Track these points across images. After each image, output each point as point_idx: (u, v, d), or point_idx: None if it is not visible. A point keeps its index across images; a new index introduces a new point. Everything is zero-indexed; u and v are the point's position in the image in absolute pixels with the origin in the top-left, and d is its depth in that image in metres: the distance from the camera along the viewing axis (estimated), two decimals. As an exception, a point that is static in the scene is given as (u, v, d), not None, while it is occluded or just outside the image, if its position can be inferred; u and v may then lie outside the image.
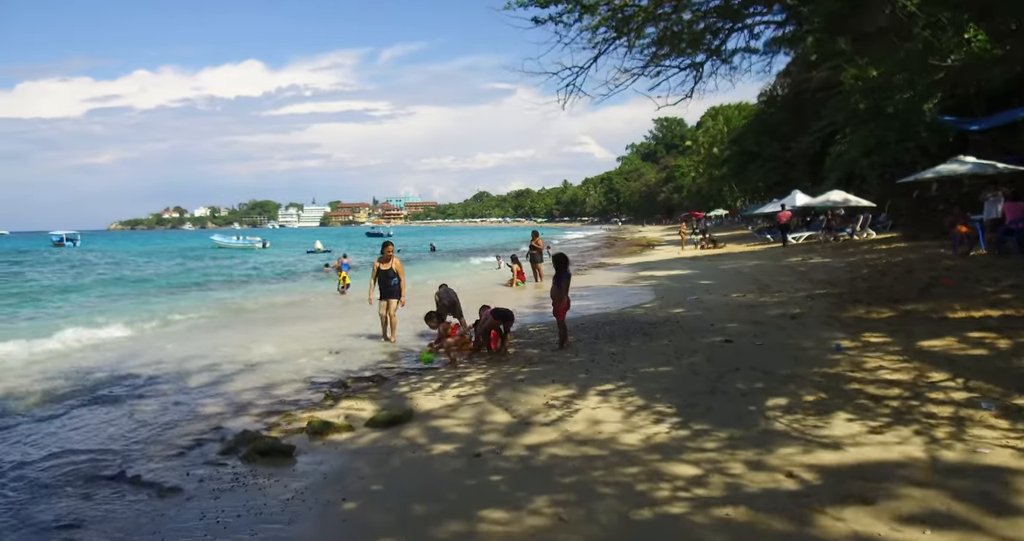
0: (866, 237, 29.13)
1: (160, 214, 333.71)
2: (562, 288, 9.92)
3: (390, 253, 12.39)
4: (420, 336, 12.49)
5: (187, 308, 18.82)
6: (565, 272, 10.04)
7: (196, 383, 9.56)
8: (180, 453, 6.47)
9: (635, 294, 16.65)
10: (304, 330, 14.19)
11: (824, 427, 5.61)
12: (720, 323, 10.81)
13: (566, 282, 9.99)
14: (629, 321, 11.99)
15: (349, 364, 10.34)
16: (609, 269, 26.45)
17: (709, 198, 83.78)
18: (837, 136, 34.37)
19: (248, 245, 72.33)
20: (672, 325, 11.12)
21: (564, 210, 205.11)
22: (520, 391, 7.62)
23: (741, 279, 17.59)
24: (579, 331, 11.35)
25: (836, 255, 22.76)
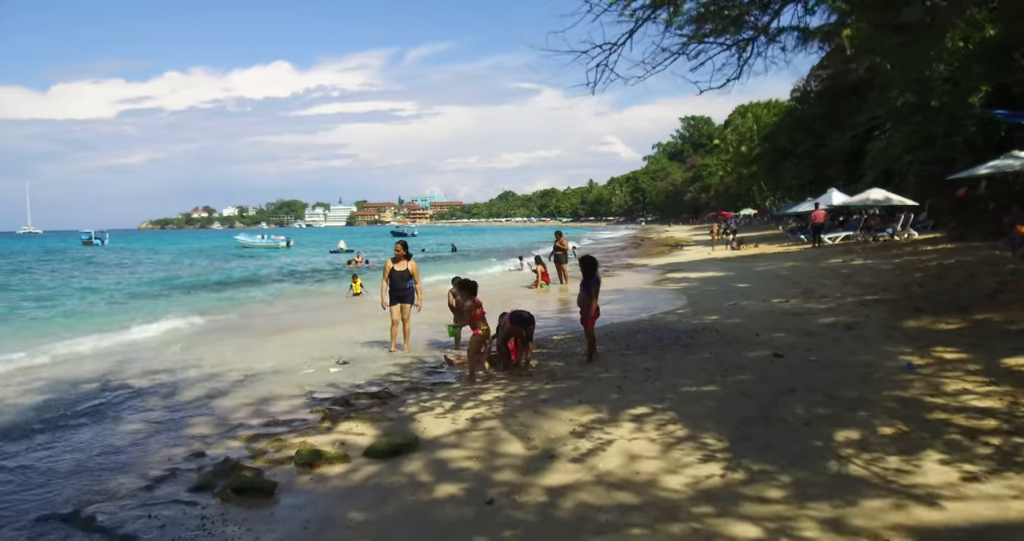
0: (908, 238, 27.73)
1: (189, 214, 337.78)
2: (591, 294, 8.94)
3: (403, 252, 11.46)
4: (432, 345, 11.58)
5: (198, 310, 18.11)
6: (594, 276, 9.06)
7: (188, 397, 8.73)
8: (149, 486, 5.61)
9: (666, 298, 15.60)
10: (314, 336, 13.36)
11: (913, 472, 4.57)
12: (765, 333, 9.75)
13: (595, 288, 9.01)
14: (663, 329, 10.97)
15: (356, 376, 9.44)
16: (637, 270, 25.36)
17: (737, 198, 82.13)
18: (875, 132, 32.94)
19: (272, 244, 72.05)
20: (711, 334, 10.08)
21: (589, 210, 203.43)
22: (542, 414, 6.66)
23: (780, 282, 16.44)
24: (608, 340, 10.36)
25: (878, 257, 21.47)
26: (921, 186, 30.56)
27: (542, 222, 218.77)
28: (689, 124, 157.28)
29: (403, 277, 11.29)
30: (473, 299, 8.89)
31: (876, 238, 28.85)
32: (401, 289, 11.31)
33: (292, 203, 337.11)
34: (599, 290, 9.11)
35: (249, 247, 71.44)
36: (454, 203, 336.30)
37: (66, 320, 17.57)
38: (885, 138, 31.68)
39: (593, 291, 8.94)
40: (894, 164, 27.81)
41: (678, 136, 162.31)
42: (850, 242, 29.65)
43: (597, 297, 9.01)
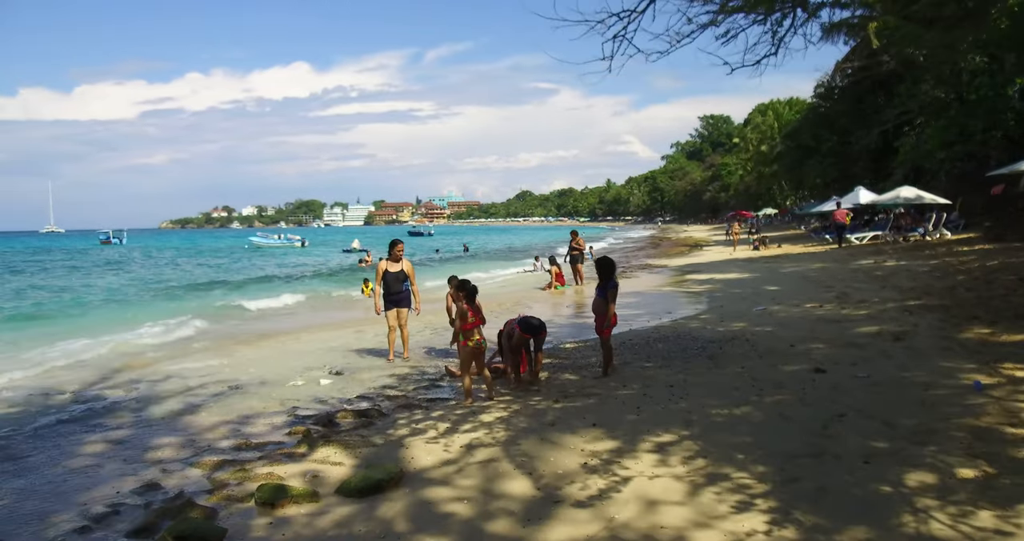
0: (940, 238, 26.47)
1: (209, 213, 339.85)
2: (607, 299, 8.00)
3: (399, 253, 10.46)
4: (434, 353, 10.69)
5: (197, 312, 17.37)
6: (611, 280, 8.12)
7: (160, 411, 7.90)
8: (84, 528, 4.75)
9: (688, 302, 14.61)
10: (311, 342, 12.54)
11: (1016, 535, 3.60)
12: (802, 343, 8.76)
13: (612, 292, 8.07)
14: (686, 337, 10.00)
15: (347, 390, 8.57)
16: (656, 271, 24.34)
17: (757, 197, 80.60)
18: (905, 128, 31.68)
19: (286, 244, 71.72)
20: (741, 344, 9.10)
21: (607, 210, 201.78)
22: (549, 441, 5.74)
23: (810, 285, 15.39)
24: (625, 349, 9.42)
25: (912, 258, 20.31)
26: (952, 184, 29.27)
27: (560, 222, 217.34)
28: (708, 123, 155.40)
29: (398, 279, 10.41)
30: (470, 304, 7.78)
31: (907, 238, 27.62)
32: (397, 292, 10.44)
33: (311, 203, 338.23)
34: (616, 295, 8.16)
35: (262, 247, 71.14)
36: (471, 203, 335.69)
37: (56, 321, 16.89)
38: (915, 134, 30.42)
39: (610, 296, 8.01)
40: (927, 161, 26.50)
41: (697, 135, 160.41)
42: (879, 242, 28.43)
43: (614, 303, 8.07)
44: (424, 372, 9.43)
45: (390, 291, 10.39)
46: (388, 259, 10.44)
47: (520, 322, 8.18)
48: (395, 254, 10.41)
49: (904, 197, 27.78)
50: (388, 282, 10.36)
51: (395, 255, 10.40)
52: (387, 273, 10.34)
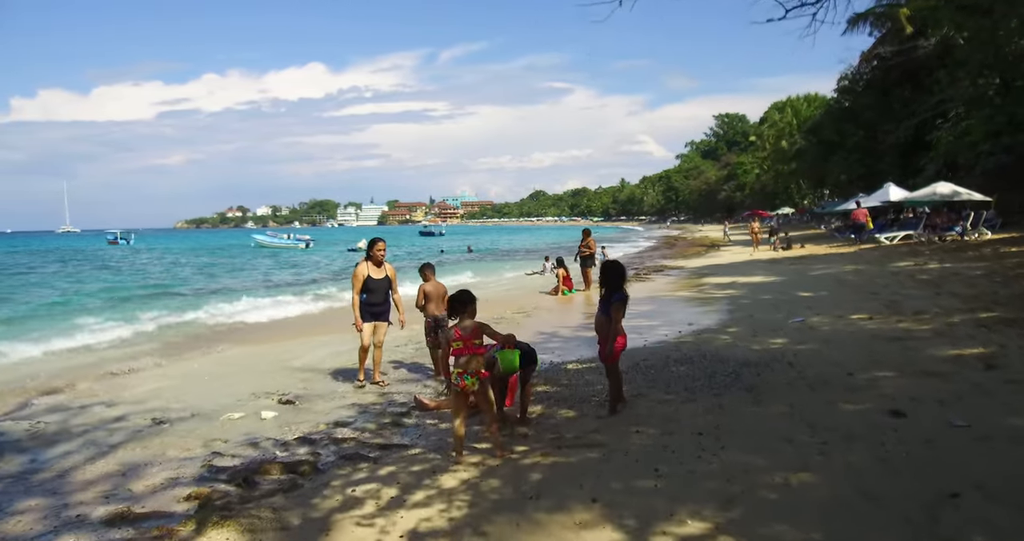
0: (979, 238, 24.50)
1: (224, 213, 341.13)
2: (613, 317, 6.21)
3: (380, 254, 8.60)
4: (414, 371, 8.97)
5: (165, 317, 15.80)
6: (619, 292, 6.32)
7: (48, 454, 6.25)
8: None
9: (711, 310, 12.79)
10: (275, 355, 10.90)
11: None
12: (863, 370, 6.94)
13: (619, 307, 6.26)
14: (713, 357, 8.21)
15: (290, 427, 6.86)
16: (672, 274, 22.51)
17: (774, 196, 78.61)
18: (938, 121, 29.65)
19: (291, 244, 70.38)
20: (783, 370, 7.31)
21: (621, 209, 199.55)
22: (531, 521, 4.01)
23: (849, 291, 13.54)
24: (638, 374, 7.66)
25: (954, 259, 18.40)
26: (987, 180, 27.26)
27: (573, 222, 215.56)
28: (723, 121, 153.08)
29: (382, 287, 8.64)
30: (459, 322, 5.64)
31: (942, 238, 25.64)
32: (379, 303, 8.67)
33: (324, 203, 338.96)
34: (625, 309, 6.37)
35: (267, 247, 69.96)
36: (485, 203, 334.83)
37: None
38: (949, 126, 28.39)
39: (615, 312, 6.21)
40: (969, 153, 24.49)
41: (712, 134, 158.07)
42: (911, 242, 26.43)
43: (621, 320, 6.29)
44: (392, 401, 7.72)
45: (371, 301, 8.58)
46: (368, 261, 8.57)
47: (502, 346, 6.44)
48: (375, 255, 8.56)
49: (940, 193, 25.83)
50: (370, 290, 8.55)
51: (376, 257, 8.56)
52: (370, 280, 8.51)
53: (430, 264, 9.35)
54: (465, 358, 5.48)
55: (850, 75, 42.03)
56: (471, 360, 5.48)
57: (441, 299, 8.62)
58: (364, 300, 8.52)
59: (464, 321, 5.57)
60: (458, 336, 5.52)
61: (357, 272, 8.54)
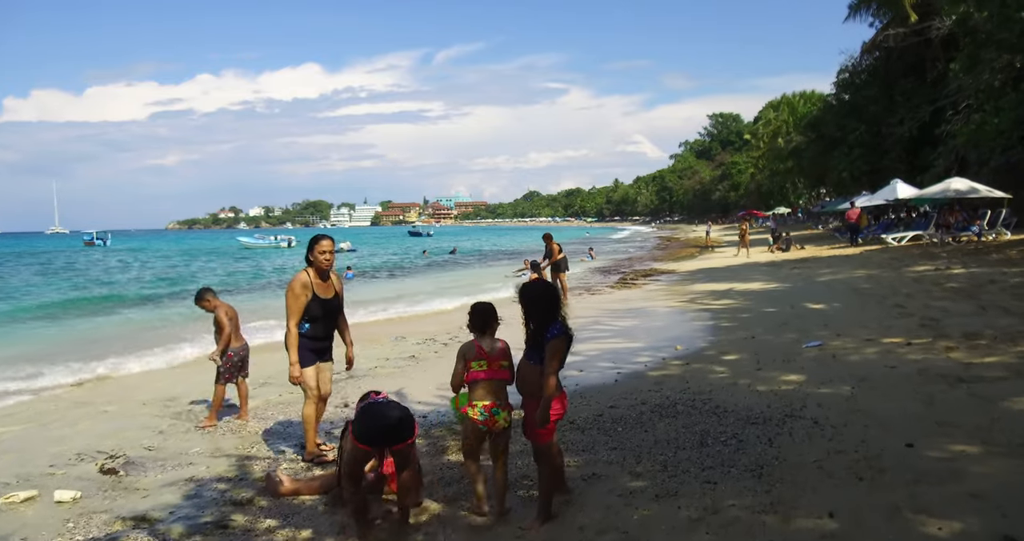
0: (997, 238, 22.35)
1: (216, 214, 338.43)
2: (547, 368, 3.92)
3: (327, 260, 5.51)
4: (276, 436, 6.69)
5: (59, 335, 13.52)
6: (551, 327, 3.98)
7: None
8: None
9: (705, 328, 10.54)
10: (157, 388, 8.65)
11: None
12: (926, 439, 4.62)
13: (555, 351, 3.92)
14: (706, 405, 5.94)
15: (79, 522, 4.62)
16: (662, 279, 20.27)
17: (769, 195, 76.70)
18: (949, 113, 27.44)
19: (274, 245, 68.51)
20: (805, 432, 5.01)
21: (615, 209, 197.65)
22: None
23: (870, 303, 11.31)
24: (601, 431, 5.44)
25: (979, 263, 16.24)
26: (998, 177, 25.09)
27: (567, 222, 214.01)
28: (718, 121, 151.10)
29: (331, 311, 5.66)
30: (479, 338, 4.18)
31: (957, 238, 23.48)
32: (324, 337, 5.72)
33: (318, 203, 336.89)
34: (565, 357, 4.07)
35: (251, 248, 68.25)
36: (479, 203, 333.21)
37: None
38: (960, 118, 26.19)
39: (552, 359, 3.92)
40: (994, 142, 22.27)
41: (706, 134, 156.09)
42: (923, 243, 24.27)
43: (556, 371, 3.99)
44: (247, 473, 5.45)
45: (315, 335, 5.59)
46: (311, 269, 5.55)
47: (360, 414, 4.18)
48: (319, 261, 5.49)
49: (955, 190, 23.62)
50: (316, 318, 5.54)
51: (320, 264, 5.50)
52: (315, 301, 5.49)
53: (209, 288, 7.42)
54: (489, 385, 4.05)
55: (851, 67, 39.82)
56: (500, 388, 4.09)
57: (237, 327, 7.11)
58: (306, 332, 5.51)
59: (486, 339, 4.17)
60: (481, 354, 4.09)
61: (297, 287, 5.42)
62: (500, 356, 4.14)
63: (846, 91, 40.64)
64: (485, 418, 4.01)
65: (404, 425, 4.00)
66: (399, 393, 7.74)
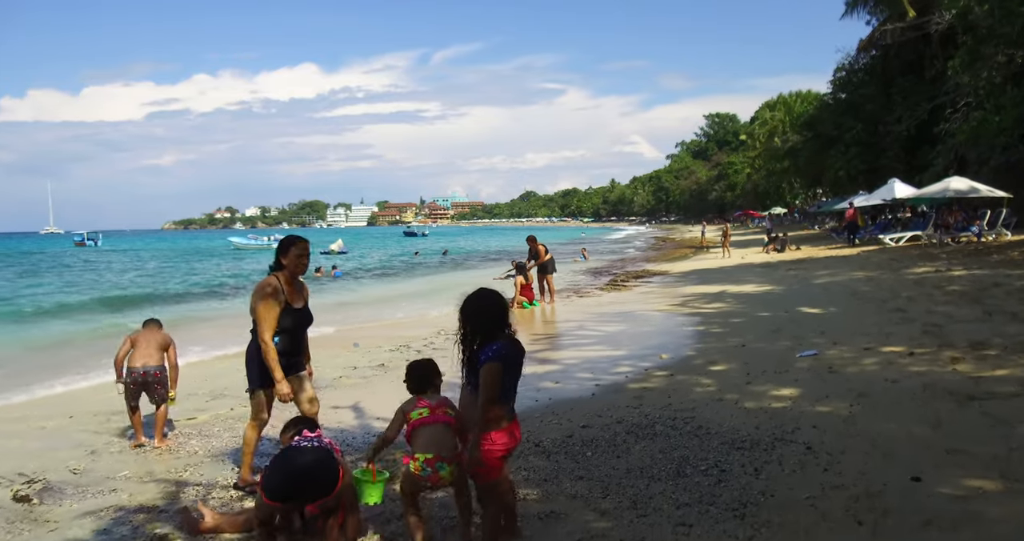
0: (998, 239, 21.80)
1: (212, 214, 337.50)
2: (482, 395, 3.30)
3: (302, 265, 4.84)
4: (215, 457, 6.08)
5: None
6: (490, 346, 3.37)
7: None
8: None
9: (694, 334, 9.95)
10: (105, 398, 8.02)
11: None
12: (936, 471, 4.02)
13: (491, 375, 3.28)
14: (687, 427, 5.34)
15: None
16: (654, 281, 19.69)
17: (766, 195, 76.26)
18: (948, 111, 26.89)
19: (264, 246, 67.92)
20: (797, 459, 4.40)
21: (611, 210, 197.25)
22: None
23: (868, 307, 10.73)
24: (568, 455, 4.83)
25: (980, 264, 15.71)
26: (997, 176, 24.54)
27: (563, 222, 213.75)
28: (714, 121, 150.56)
29: (303, 324, 4.97)
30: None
31: (956, 239, 22.93)
32: (296, 352, 4.95)
33: (314, 203, 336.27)
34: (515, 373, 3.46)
35: (242, 248, 67.68)
36: (475, 203, 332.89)
37: None
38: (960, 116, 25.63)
39: (488, 385, 3.29)
40: (997, 139, 21.72)
41: (702, 134, 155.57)
42: (921, 243, 23.73)
43: (494, 400, 3.35)
44: (174, 502, 4.84)
45: (286, 349, 4.78)
46: (281, 274, 4.80)
47: (272, 461, 3.57)
48: (292, 265, 4.78)
49: (955, 189, 23.08)
50: (287, 330, 4.77)
51: (294, 266, 4.79)
52: (288, 312, 4.76)
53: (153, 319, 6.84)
54: (433, 433, 3.50)
55: (847, 65, 39.28)
56: (444, 435, 3.51)
57: (157, 346, 6.39)
58: (282, 344, 4.74)
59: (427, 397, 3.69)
60: (423, 403, 3.62)
61: (269, 294, 4.67)
62: (444, 404, 3.66)
63: (843, 89, 40.13)
64: (428, 474, 3.44)
65: (321, 478, 3.38)
66: (356, 407, 7.15)
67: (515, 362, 3.36)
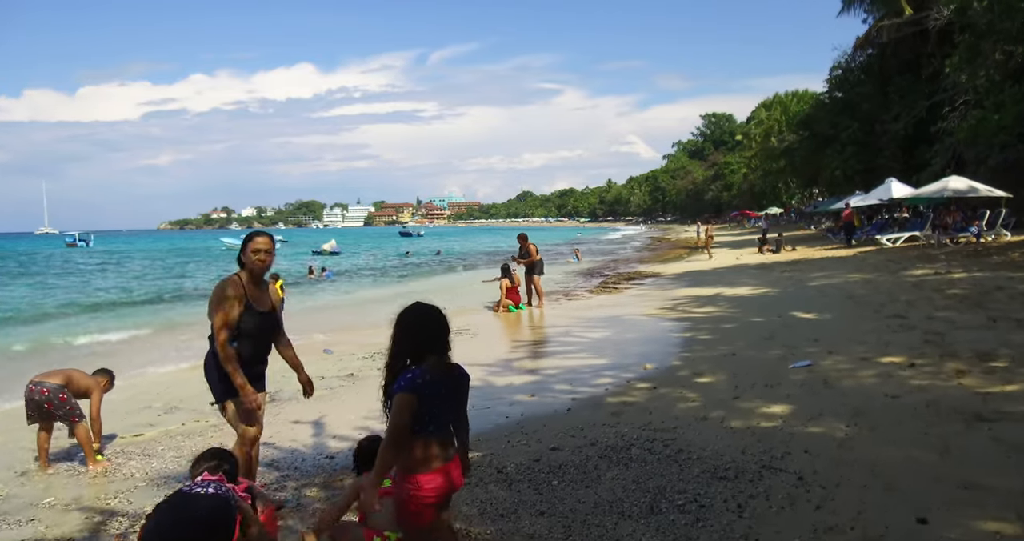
0: (997, 239, 21.32)
1: (208, 214, 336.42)
2: (388, 435, 2.79)
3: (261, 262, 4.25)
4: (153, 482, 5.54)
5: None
6: (404, 376, 2.83)
7: None
8: None
9: (682, 341, 9.44)
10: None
11: None
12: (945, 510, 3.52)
13: (395, 414, 2.78)
14: (666, 450, 4.82)
15: None
16: (646, 283, 19.19)
17: (762, 195, 75.89)
18: (946, 109, 26.43)
19: (256, 247, 67.23)
20: (785, 493, 3.89)
21: (608, 210, 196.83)
22: None
23: (866, 312, 10.22)
24: (530, 483, 4.32)
25: (980, 266, 15.25)
26: (995, 175, 24.08)
27: (560, 222, 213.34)
28: (710, 121, 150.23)
29: (267, 327, 4.33)
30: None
31: (955, 240, 22.45)
32: (258, 361, 4.36)
33: (311, 203, 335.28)
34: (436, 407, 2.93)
35: (233, 249, 66.78)
36: (472, 203, 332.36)
37: None
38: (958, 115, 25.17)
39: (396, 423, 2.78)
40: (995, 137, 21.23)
41: (699, 134, 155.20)
42: (919, 244, 23.25)
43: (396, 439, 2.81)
44: (89, 539, 4.32)
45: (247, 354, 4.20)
46: (243, 273, 4.25)
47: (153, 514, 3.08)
48: (252, 263, 4.24)
49: (953, 189, 22.58)
50: (248, 334, 4.18)
51: (254, 266, 4.25)
52: (249, 313, 4.16)
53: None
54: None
55: (844, 64, 38.82)
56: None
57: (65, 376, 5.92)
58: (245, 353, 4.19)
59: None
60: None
61: (226, 293, 4.12)
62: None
63: (839, 88, 39.68)
64: None
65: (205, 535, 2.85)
66: (317, 422, 6.63)
67: (437, 393, 2.83)
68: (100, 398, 6.02)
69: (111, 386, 6.28)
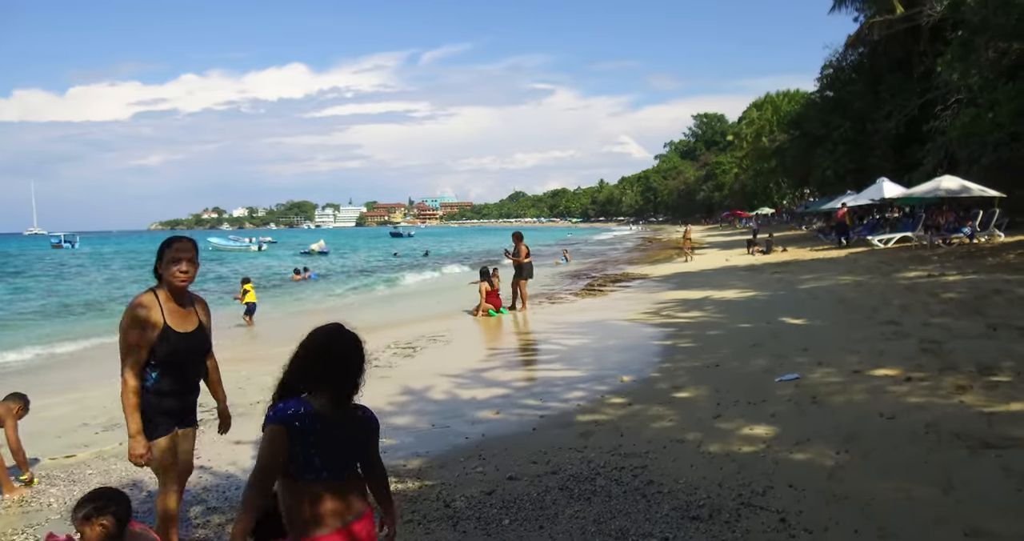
0: (991, 240, 20.91)
1: (199, 215, 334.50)
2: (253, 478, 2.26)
3: (182, 278, 3.48)
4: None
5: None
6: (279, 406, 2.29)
7: None
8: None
9: (664, 351, 8.91)
10: None
11: None
12: None
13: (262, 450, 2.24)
14: (633, 484, 4.29)
15: None
16: (632, 285, 18.68)
17: (753, 196, 75.65)
18: (938, 108, 26.04)
19: (245, 248, 66.88)
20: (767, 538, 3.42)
21: (600, 210, 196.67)
22: None
23: (858, 318, 9.71)
24: (475, 521, 3.77)
25: (975, 268, 14.82)
26: (988, 175, 23.70)
27: (552, 222, 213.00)
28: (702, 121, 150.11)
29: (192, 350, 3.58)
30: None
31: (948, 240, 22.03)
32: (183, 391, 3.61)
33: (302, 204, 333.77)
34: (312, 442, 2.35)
35: (220, 249, 66.31)
36: (464, 203, 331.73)
37: None
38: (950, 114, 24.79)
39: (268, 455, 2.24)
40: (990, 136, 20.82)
41: (691, 134, 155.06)
42: (911, 245, 22.84)
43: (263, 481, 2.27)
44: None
45: (165, 389, 3.48)
46: (160, 290, 3.52)
47: None
48: (172, 277, 3.47)
49: (946, 189, 22.17)
50: (167, 362, 3.45)
51: (174, 282, 3.49)
52: (168, 336, 3.43)
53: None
54: None
55: (835, 62, 38.45)
56: None
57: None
58: (152, 385, 3.46)
59: None
60: None
61: (135, 317, 3.41)
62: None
63: (830, 87, 39.35)
64: None
65: None
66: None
67: (319, 431, 2.29)
68: (15, 425, 5.46)
69: (26, 412, 5.69)
